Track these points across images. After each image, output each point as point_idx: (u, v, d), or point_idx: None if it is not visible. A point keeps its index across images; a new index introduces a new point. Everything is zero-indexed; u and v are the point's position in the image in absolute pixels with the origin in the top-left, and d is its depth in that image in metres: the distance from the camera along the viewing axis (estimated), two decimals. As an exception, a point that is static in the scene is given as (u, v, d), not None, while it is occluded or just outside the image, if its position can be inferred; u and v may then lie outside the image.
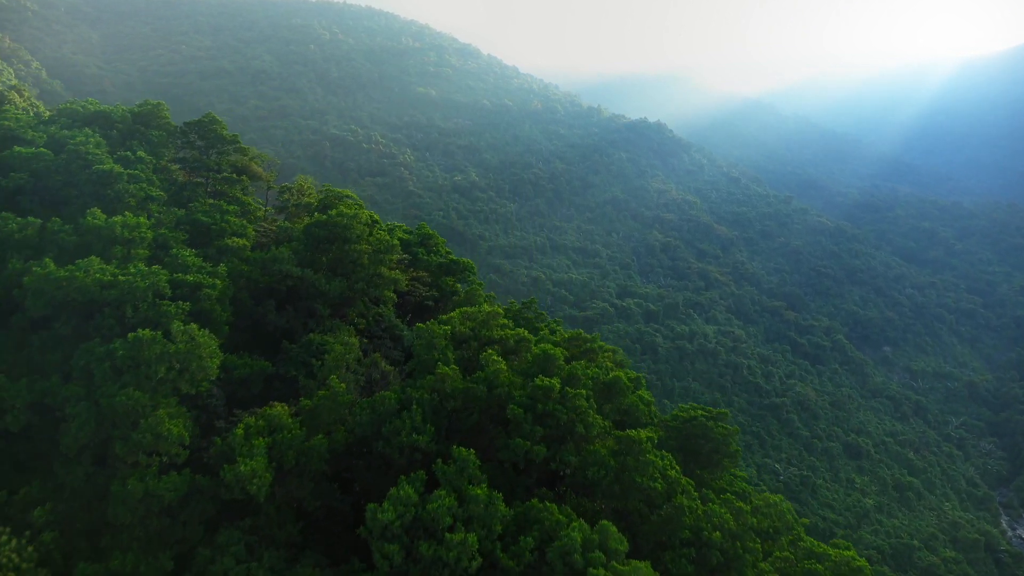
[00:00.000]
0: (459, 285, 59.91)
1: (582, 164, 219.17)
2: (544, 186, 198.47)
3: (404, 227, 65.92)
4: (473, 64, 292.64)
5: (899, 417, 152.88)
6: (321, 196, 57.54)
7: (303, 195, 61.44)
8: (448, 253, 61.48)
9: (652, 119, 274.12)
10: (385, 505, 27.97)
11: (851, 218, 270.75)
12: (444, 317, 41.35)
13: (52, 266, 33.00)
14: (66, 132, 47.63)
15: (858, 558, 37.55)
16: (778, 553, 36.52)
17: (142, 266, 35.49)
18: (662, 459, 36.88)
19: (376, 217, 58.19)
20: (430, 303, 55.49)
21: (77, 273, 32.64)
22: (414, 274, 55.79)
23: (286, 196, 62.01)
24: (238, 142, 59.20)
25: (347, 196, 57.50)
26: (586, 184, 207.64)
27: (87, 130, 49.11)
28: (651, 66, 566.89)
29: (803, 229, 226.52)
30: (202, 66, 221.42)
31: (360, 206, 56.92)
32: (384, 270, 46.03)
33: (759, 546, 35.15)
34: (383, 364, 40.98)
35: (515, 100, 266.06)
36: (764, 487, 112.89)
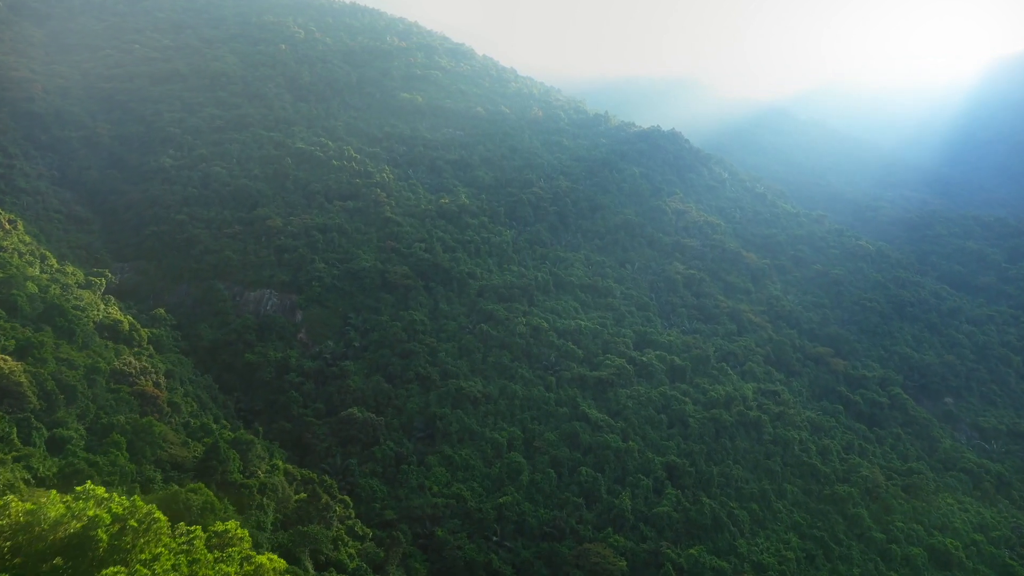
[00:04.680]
0: None
1: (589, 181, 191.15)
2: (546, 208, 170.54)
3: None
4: (466, 66, 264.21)
5: (980, 497, 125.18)
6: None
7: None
8: None
9: (662, 127, 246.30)
10: None
11: (887, 237, 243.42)
12: None
13: None
14: None
15: None
16: None
17: None
18: None
19: None
20: None
21: None
22: None
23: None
24: None
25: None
26: (594, 205, 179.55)
27: None
28: (656, 69, 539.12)
29: (841, 254, 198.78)
30: (155, 68, 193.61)
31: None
32: None
33: None
34: None
35: (513, 106, 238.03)
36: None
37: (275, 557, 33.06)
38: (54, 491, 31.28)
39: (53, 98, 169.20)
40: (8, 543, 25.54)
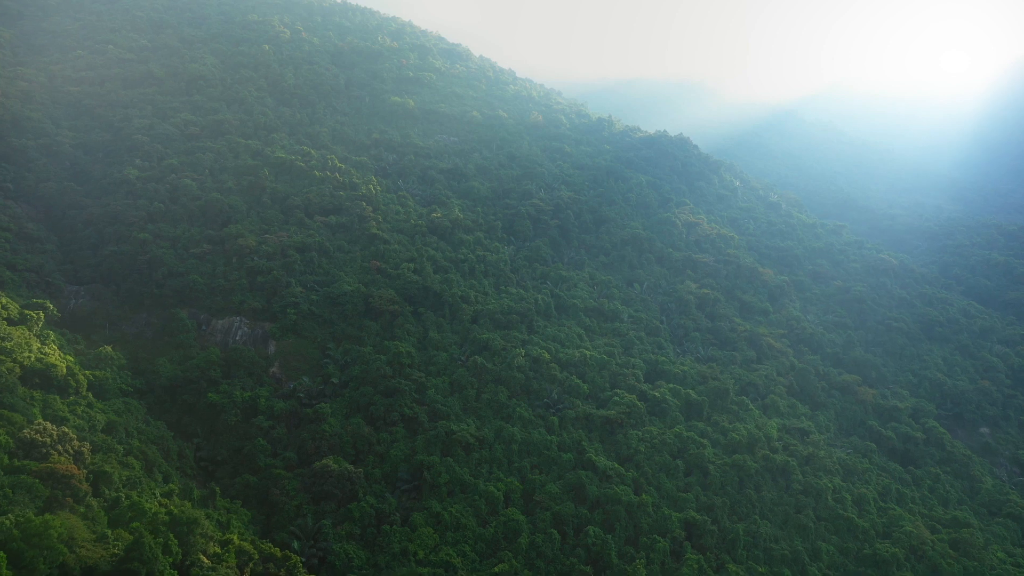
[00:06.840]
0: None
1: (593, 191, 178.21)
2: (547, 222, 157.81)
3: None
4: (462, 67, 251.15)
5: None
6: None
7: None
8: None
9: (668, 131, 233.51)
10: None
11: (906, 248, 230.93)
12: None
13: None
14: None
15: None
16: None
17: None
18: None
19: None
20: None
21: None
22: None
23: None
24: None
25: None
26: (599, 218, 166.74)
27: None
28: (659, 71, 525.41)
29: (861, 269, 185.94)
30: (128, 70, 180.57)
31: None
32: None
33: None
34: None
35: (511, 110, 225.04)
36: None
37: None
38: None
39: (13, 103, 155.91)
40: None
